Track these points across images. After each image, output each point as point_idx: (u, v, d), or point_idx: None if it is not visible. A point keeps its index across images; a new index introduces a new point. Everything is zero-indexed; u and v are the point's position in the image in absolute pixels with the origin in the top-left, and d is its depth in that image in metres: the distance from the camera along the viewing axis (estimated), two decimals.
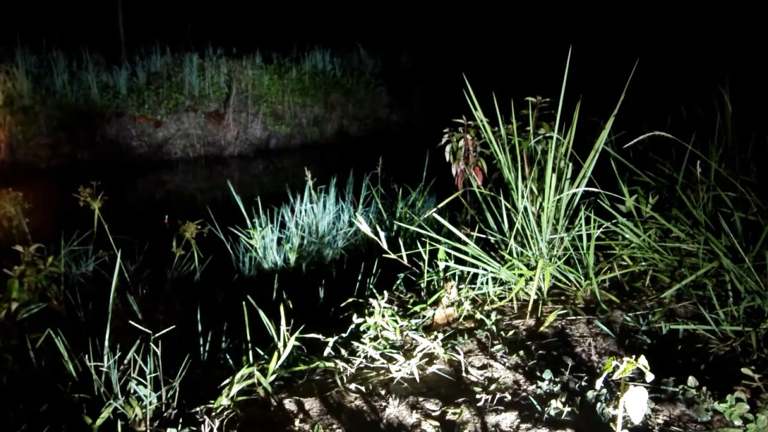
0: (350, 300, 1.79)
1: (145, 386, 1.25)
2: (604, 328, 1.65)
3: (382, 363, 1.51)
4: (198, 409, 1.29)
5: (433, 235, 1.87)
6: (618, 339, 1.62)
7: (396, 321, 1.64)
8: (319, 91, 6.26)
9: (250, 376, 1.34)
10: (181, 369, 1.31)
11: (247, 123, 5.49)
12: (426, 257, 1.86)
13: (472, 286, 1.85)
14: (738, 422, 1.22)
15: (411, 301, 1.84)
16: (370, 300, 1.61)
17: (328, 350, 1.54)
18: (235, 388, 1.31)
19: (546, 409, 1.33)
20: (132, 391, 1.26)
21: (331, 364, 1.48)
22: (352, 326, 1.61)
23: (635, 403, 1.03)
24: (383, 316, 1.61)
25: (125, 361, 1.29)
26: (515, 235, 1.90)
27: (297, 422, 1.29)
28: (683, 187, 1.89)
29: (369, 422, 1.31)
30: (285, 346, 1.40)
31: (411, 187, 2.74)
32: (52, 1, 5.79)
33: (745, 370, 1.33)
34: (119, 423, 1.18)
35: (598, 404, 1.31)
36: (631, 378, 1.37)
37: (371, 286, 1.94)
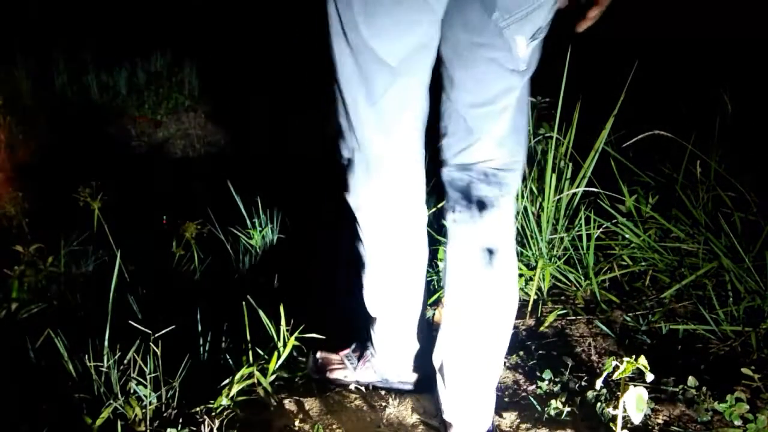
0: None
1: (145, 386, 1.25)
2: (604, 328, 1.65)
3: None
4: (198, 409, 1.29)
5: (433, 234, 1.87)
6: (618, 339, 1.62)
7: None
8: (319, 90, 6.26)
9: (250, 376, 1.34)
10: (181, 369, 1.31)
11: None
12: None
13: None
14: (738, 422, 1.22)
15: None
16: None
17: None
18: (235, 388, 1.31)
19: (546, 409, 1.33)
20: (132, 391, 1.26)
21: None
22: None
23: (635, 403, 1.03)
24: None
25: (125, 361, 1.29)
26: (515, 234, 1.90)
27: (297, 422, 1.29)
28: (683, 187, 1.89)
29: (369, 422, 1.31)
30: (285, 346, 1.40)
31: None
32: (52, 1, 5.79)
33: (745, 370, 1.33)
34: (119, 423, 1.18)
35: (598, 404, 1.31)
36: (631, 378, 1.37)
37: None
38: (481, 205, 1.13)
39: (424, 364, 1.39)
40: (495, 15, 1.03)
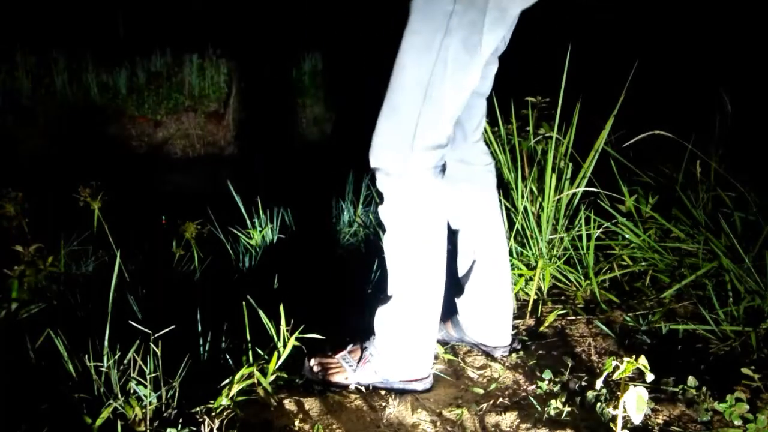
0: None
1: (145, 386, 1.25)
2: (604, 328, 1.65)
3: None
4: (198, 409, 1.29)
5: None
6: (618, 339, 1.62)
7: None
8: (319, 90, 6.26)
9: (250, 376, 1.34)
10: (181, 369, 1.31)
11: None
12: None
13: None
14: (738, 422, 1.22)
15: None
16: (370, 300, 1.61)
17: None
18: (235, 388, 1.31)
19: (546, 409, 1.33)
20: (132, 391, 1.25)
21: None
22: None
23: (635, 403, 1.03)
24: None
25: (125, 361, 1.28)
26: (515, 235, 1.90)
27: (297, 422, 1.29)
28: (683, 187, 1.89)
29: (369, 422, 1.31)
30: (285, 346, 1.40)
31: None
32: (53, 1, 5.79)
33: (745, 370, 1.33)
34: (119, 423, 1.18)
35: (598, 404, 1.31)
36: (631, 378, 1.37)
37: (371, 286, 1.94)
38: (488, 160, 1.52)
39: (426, 362, 1.39)
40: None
